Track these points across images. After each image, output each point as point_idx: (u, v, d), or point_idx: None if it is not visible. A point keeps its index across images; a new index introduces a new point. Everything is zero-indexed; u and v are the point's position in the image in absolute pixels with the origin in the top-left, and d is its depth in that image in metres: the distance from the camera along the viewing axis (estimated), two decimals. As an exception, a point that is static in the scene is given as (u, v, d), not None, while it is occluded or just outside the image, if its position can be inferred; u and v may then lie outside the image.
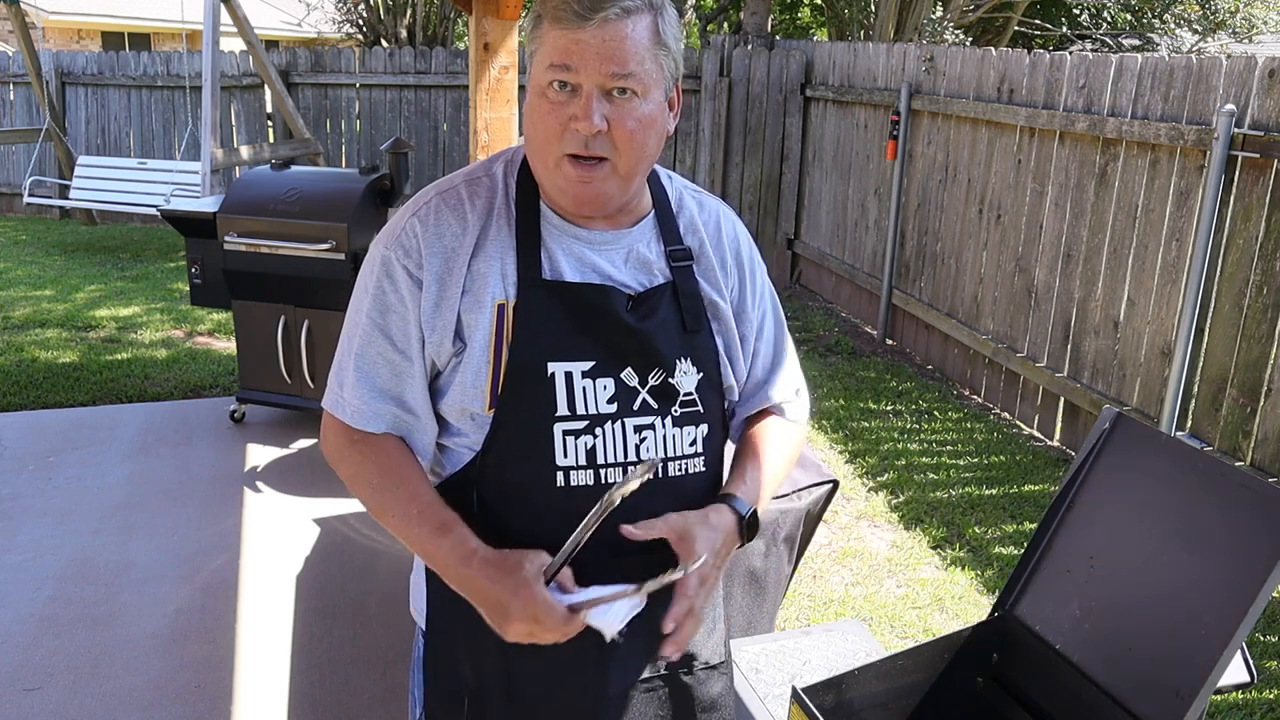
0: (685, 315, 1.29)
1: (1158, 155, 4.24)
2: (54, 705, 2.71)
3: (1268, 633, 3.28)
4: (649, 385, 1.26)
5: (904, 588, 3.52)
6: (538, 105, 1.19)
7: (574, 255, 1.26)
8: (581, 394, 1.23)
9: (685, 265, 1.31)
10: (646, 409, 1.26)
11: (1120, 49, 10.37)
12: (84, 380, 5.29)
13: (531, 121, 1.20)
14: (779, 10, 15.35)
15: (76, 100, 10.17)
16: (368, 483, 1.28)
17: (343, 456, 1.30)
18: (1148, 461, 1.37)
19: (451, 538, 1.22)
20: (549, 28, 1.16)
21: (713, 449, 1.34)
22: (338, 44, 13.73)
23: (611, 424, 1.24)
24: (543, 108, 1.18)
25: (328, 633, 3.10)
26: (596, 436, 1.23)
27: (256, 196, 4.37)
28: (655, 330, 1.27)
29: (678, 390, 1.28)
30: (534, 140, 1.21)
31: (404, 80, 9.02)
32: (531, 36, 1.20)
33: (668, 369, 1.27)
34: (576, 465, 1.23)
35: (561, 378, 1.22)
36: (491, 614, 1.19)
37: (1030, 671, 1.42)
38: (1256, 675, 1.32)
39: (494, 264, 1.24)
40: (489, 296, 1.22)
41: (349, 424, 1.27)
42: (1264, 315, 3.75)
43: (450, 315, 1.23)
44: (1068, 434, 4.83)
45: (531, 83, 1.20)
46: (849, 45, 7.30)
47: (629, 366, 1.25)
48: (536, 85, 1.18)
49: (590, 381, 1.23)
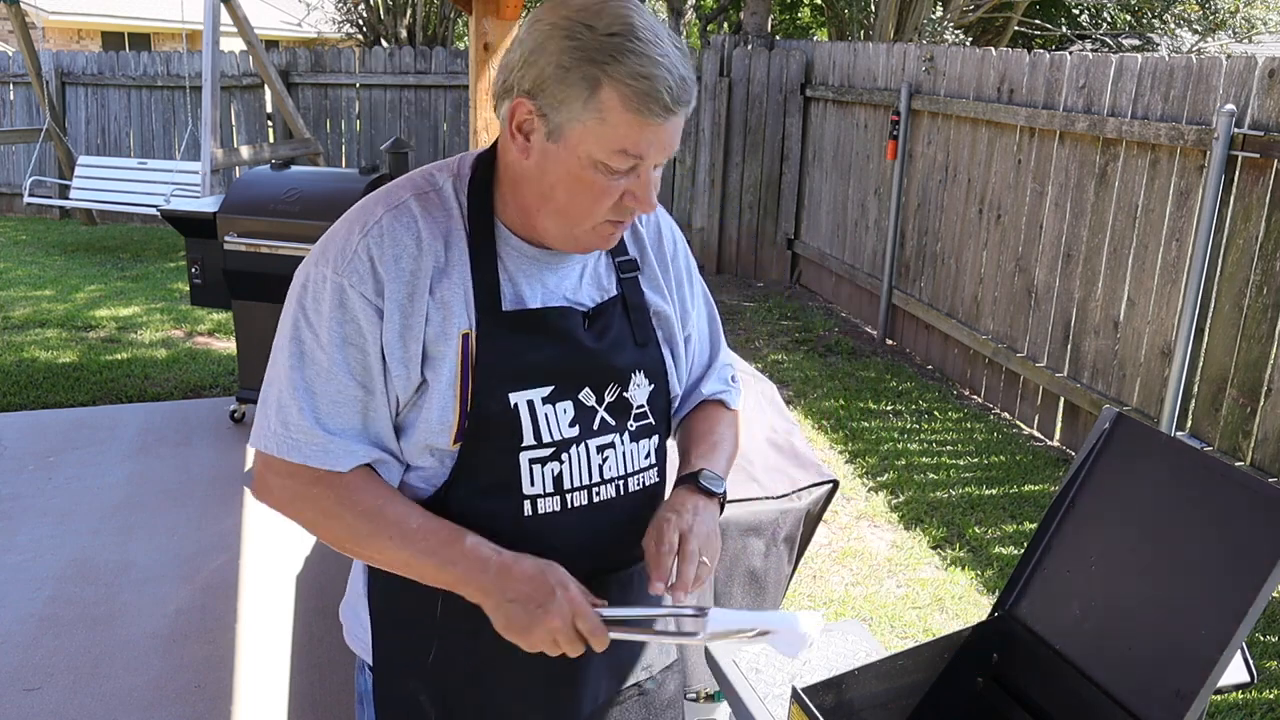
0: (635, 329, 1.28)
1: (1158, 155, 4.24)
2: (54, 705, 2.71)
3: (1268, 633, 3.28)
4: (605, 403, 1.24)
5: (904, 588, 3.52)
6: (588, 179, 1.10)
7: (534, 277, 1.21)
8: (545, 421, 1.19)
9: (631, 276, 1.29)
10: (605, 427, 1.24)
11: (1120, 49, 10.37)
12: (84, 380, 5.29)
13: (573, 192, 1.12)
14: (779, 10, 15.35)
15: (76, 100, 10.18)
16: (345, 517, 1.17)
17: (303, 498, 1.18)
18: (1148, 461, 1.37)
19: (467, 542, 1.15)
20: (622, 113, 1.06)
21: (662, 458, 1.34)
22: (338, 44, 13.73)
23: (575, 447, 1.22)
24: (597, 184, 1.11)
25: (328, 633, 3.10)
26: (562, 462, 1.21)
27: (256, 196, 4.37)
28: (610, 347, 1.24)
29: (632, 404, 1.27)
30: (572, 210, 1.13)
31: (404, 80, 9.03)
32: (584, 107, 1.07)
33: (623, 384, 1.26)
34: (543, 493, 1.21)
35: (525, 407, 1.18)
36: (521, 614, 1.12)
37: (1030, 671, 1.42)
38: (1256, 675, 1.33)
39: (458, 291, 1.16)
40: (455, 326, 1.15)
41: (310, 464, 1.15)
42: (1264, 315, 3.75)
43: (415, 346, 1.15)
44: (1068, 434, 4.83)
45: (579, 153, 1.09)
46: (849, 45, 7.30)
47: (586, 386, 1.22)
48: (587, 159, 1.09)
49: (550, 407, 1.20)
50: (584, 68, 1.05)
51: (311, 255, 1.20)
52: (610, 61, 1.05)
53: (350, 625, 1.35)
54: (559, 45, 1.06)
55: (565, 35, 1.06)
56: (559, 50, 1.06)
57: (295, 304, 1.18)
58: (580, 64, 1.05)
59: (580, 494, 1.23)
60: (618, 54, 1.05)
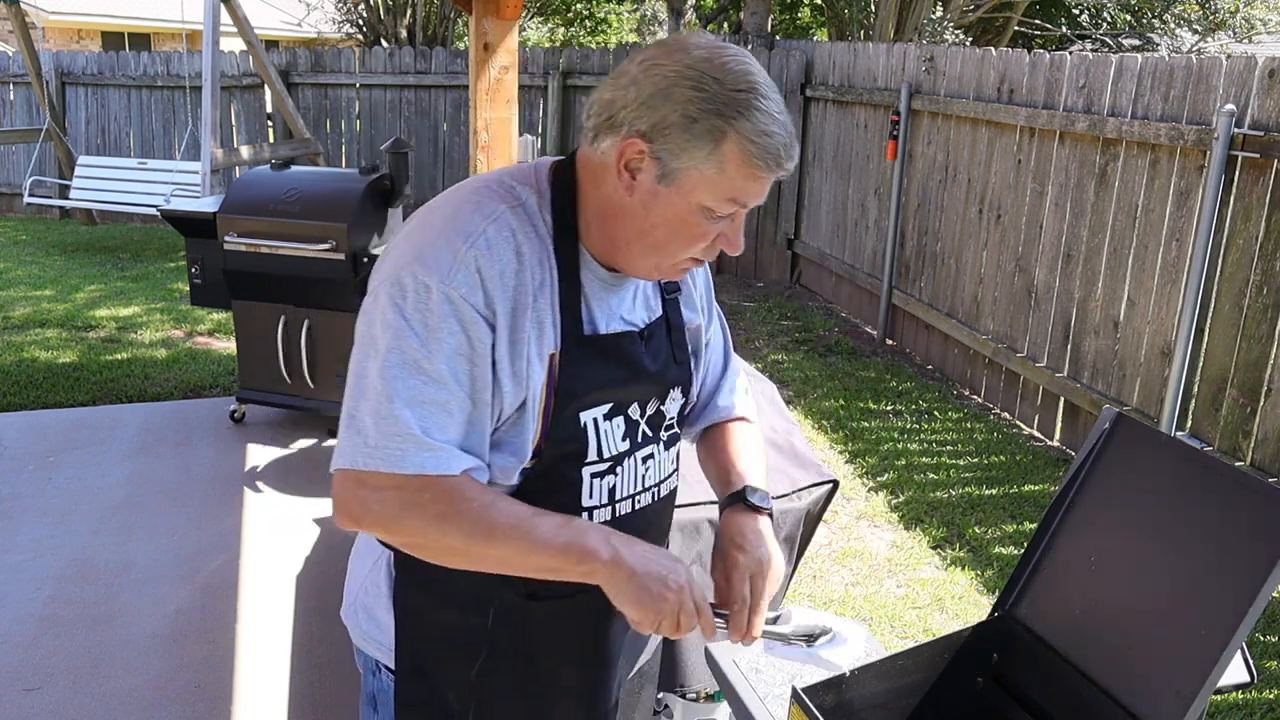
0: (675, 348, 1.33)
1: (1158, 155, 4.24)
2: (54, 705, 2.71)
3: (1268, 633, 3.28)
4: (646, 416, 1.30)
5: (904, 588, 3.52)
6: (692, 222, 1.15)
7: (603, 300, 1.24)
8: (605, 436, 1.24)
9: (673, 297, 1.35)
10: (646, 439, 1.30)
11: (1120, 49, 10.37)
12: (84, 380, 5.29)
13: (674, 232, 1.16)
14: (779, 10, 15.35)
15: (76, 100, 10.18)
16: (459, 519, 1.13)
17: (413, 507, 1.12)
18: (1148, 461, 1.37)
19: (583, 521, 1.19)
20: (740, 166, 1.11)
21: (679, 463, 1.42)
22: (338, 44, 13.73)
23: (627, 460, 1.28)
24: (699, 227, 1.15)
25: (328, 633, 3.10)
26: (616, 475, 1.27)
27: (256, 196, 4.37)
28: (660, 367, 1.30)
29: (666, 416, 1.33)
30: (668, 247, 1.17)
31: (404, 80, 9.02)
32: (705, 157, 1.10)
33: (662, 399, 1.32)
34: (599, 504, 1.26)
35: (591, 425, 1.23)
36: (654, 586, 1.15)
37: (1030, 671, 1.42)
38: (1256, 675, 1.33)
39: (548, 311, 1.18)
40: (546, 346, 1.18)
41: (423, 472, 1.11)
42: (1264, 315, 3.75)
43: (522, 363, 1.16)
44: (1068, 434, 4.83)
45: (690, 198, 1.13)
46: (849, 45, 7.30)
47: (635, 402, 1.28)
48: (696, 204, 1.13)
49: (609, 423, 1.25)
50: (710, 120, 1.09)
51: (399, 262, 1.15)
52: (737, 117, 1.09)
53: (364, 628, 1.34)
54: (686, 95, 1.09)
55: (693, 85, 1.09)
56: (686, 100, 1.09)
57: (393, 314, 1.12)
58: (707, 116, 1.09)
59: (626, 503, 1.29)
60: (744, 110, 1.09)
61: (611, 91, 1.14)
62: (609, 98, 1.14)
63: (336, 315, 4.37)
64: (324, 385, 4.51)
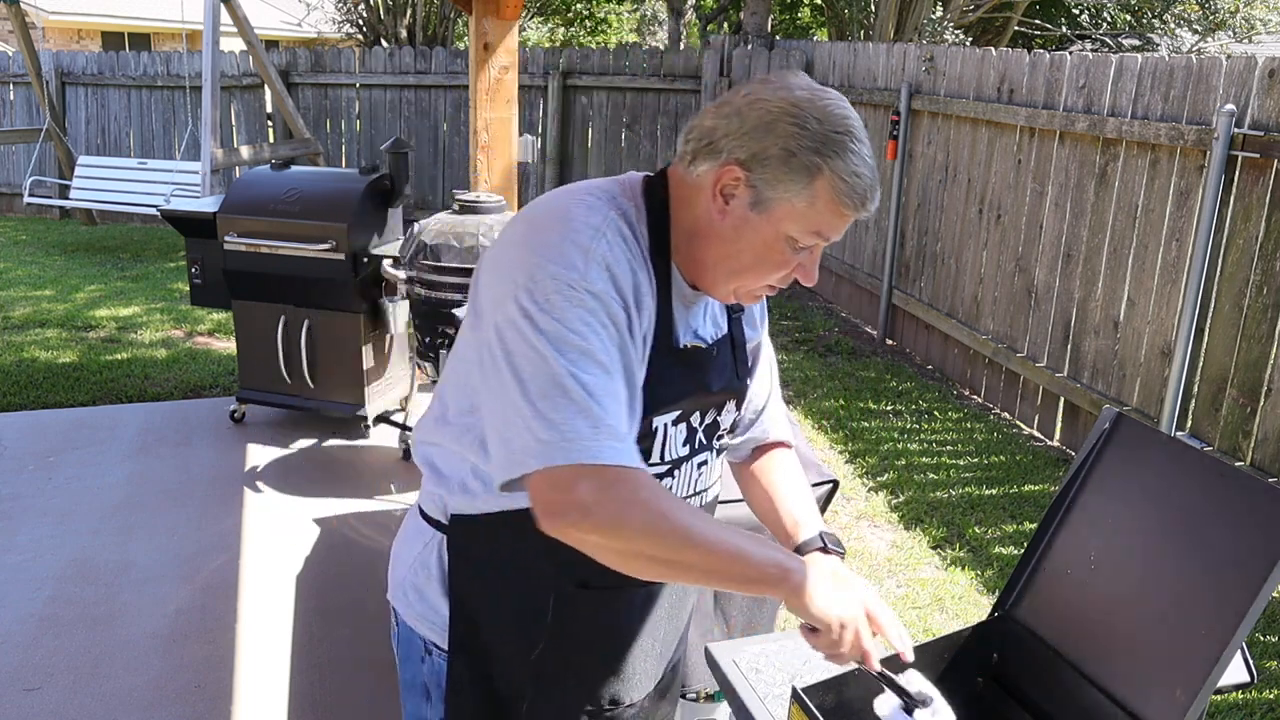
0: (738, 364, 1.40)
1: (1158, 155, 4.24)
2: (54, 705, 2.71)
3: (1268, 633, 3.28)
4: (704, 424, 1.36)
5: (904, 588, 3.52)
6: (777, 250, 1.21)
7: (683, 316, 1.30)
8: (670, 441, 1.30)
9: (737, 316, 1.41)
10: (701, 446, 1.37)
11: (1120, 49, 10.37)
12: (84, 380, 5.29)
13: (759, 258, 1.21)
14: (779, 10, 15.35)
15: (76, 100, 10.18)
16: (673, 513, 1.12)
17: (634, 504, 1.08)
18: (1148, 461, 1.37)
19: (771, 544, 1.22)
20: (830, 203, 1.17)
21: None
22: (338, 44, 13.73)
23: (685, 465, 1.34)
24: (782, 256, 1.21)
25: (328, 633, 3.10)
26: (674, 478, 1.33)
27: (256, 196, 4.37)
28: (725, 381, 1.37)
29: (720, 425, 1.40)
30: (751, 272, 1.23)
31: (404, 80, 9.02)
32: (799, 191, 1.16)
33: (719, 410, 1.39)
34: None
35: (661, 428, 1.28)
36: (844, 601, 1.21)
37: (1030, 671, 1.42)
38: (1256, 675, 1.33)
39: (648, 320, 1.22)
40: (645, 351, 1.23)
41: (624, 464, 1.09)
42: (1264, 315, 3.75)
43: (643, 363, 1.21)
44: (1068, 434, 4.83)
45: (779, 228, 1.19)
46: (849, 45, 7.30)
47: (698, 410, 1.34)
48: (783, 234, 1.19)
49: (674, 428, 1.31)
50: (808, 156, 1.15)
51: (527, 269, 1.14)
52: (833, 156, 1.16)
53: (417, 609, 1.38)
54: (788, 130, 1.16)
55: (795, 122, 1.16)
56: (787, 135, 1.15)
57: (544, 317, 1.11)
58: (806, 152, 1.15)
59: None
60: (840, 151, 1.16)
61: (713, 120, 1.20)
62: (710, 125, 1.20)
63: (336, 315, 4.37)
64: (324, 385, 4.51)
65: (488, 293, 1.19)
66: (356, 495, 4.03)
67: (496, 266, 1.19)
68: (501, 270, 1.17)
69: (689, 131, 1.24)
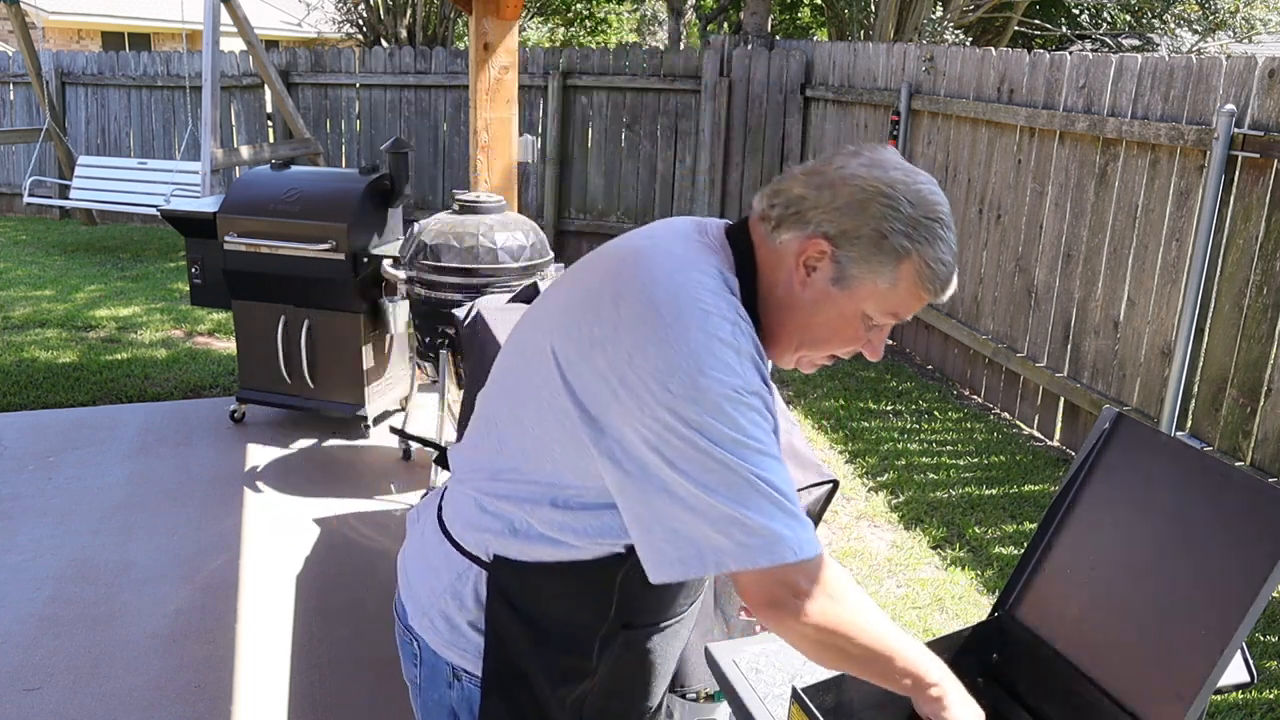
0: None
1: (1158, 155, 4.24)
2: (54, 705, 2.71)
3: (1268, 633, 3.28)
4: None
5: (904, 588, 3.52)
6: (851, 325, 1.22)
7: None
8: None
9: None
10: None
11: (1120, 49, 10.37)
12: (84, 380, 5.29)
13: (833, 331, 1.23)
14: (779, 10, 15.35)
15: (76, 100, 10.17)
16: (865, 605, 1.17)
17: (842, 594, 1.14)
18: (1148, 461, 1.37)
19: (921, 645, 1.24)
20: (912, 287, 1.18)
21: None
22: (338, 44, 13.74)
23: None
24: (855, 332, 1.23)
25: (328, 633, 3.10)
26: None
27: (256, 196, 4.37)
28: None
29: None
30: (820, 343, 1.25)
31: (404, 80, 9.02)
32: (884, 272, 1.17)
33: None
34: None
35: None
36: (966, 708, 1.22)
37: (1030, 671, 1.42)
38: (1256, 675, 1.33)
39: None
40: None
41: (821, 553, 1.13)
42: (1264, 315, 3.75)
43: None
44: (1068, 434, 4.83)
45: (859, 305, 1.20)
46: (849, 45, 7.30)
47: None
48: (861, 312, 1.20)
49: None
50: (899, 240, 1.16)
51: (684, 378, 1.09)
52: (924, 243, 1.17)
53: (446, 636, 1.34)
54: (881, 211, 1.16)
55: (889, 204, 1.16)
56: (880, 216, 1.16)
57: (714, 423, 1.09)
58: (897, 235, 1.16)
59: None
60: (931, 238, 1.17)
61: (803, 189, 1.19)
62: (800, 194, 1.19)
63: (336, 315, 4.37)
64: (324, 385, 4.51)
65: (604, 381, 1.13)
66: (356, 495, 4.03)
67: (619, 354, 1.12)
68: (634, 364, 1.11)
69: (773, 195, 1.22)
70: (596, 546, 1.25)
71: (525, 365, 1.23)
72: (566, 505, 1.23)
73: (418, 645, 1.38)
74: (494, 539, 1.28)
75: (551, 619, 1.30)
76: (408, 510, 3.92)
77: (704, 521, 1.09)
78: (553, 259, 3.90)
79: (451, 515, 1.35)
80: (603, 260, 1.24)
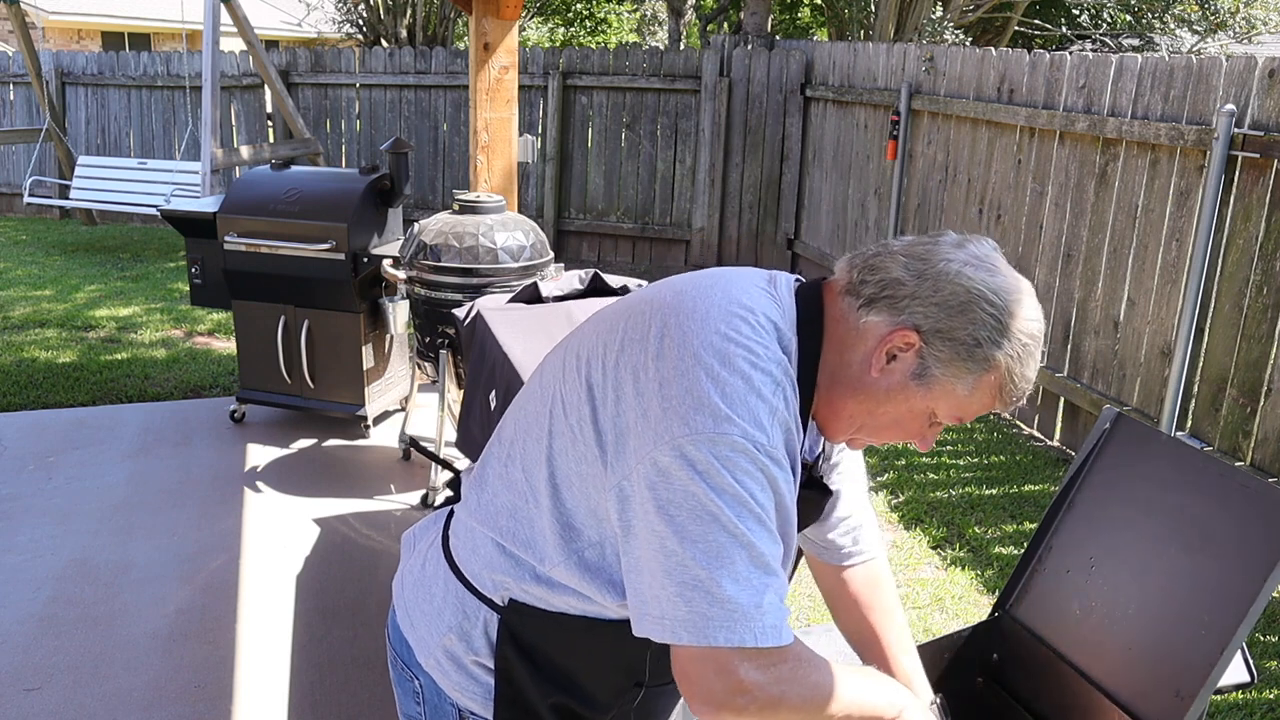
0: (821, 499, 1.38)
1: (1158, 155, 4.24)
2: (54, 705, 2.71)
3: (1268, 633, 3.28)
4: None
5: (904, 588, 3.52)
6: (917, 420, 1.18)
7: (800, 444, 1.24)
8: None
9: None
10: None
11: (1120, 49, 10.37)
12: (84, 380, 5.29)
13: (897, 421, 1.18)
14: (779, 10, 15.35)
15: (76, 100, 10.17)
16: (825, 681, 1.12)
17: (790, 681, 1.07)
18: (1148, 461, 1.37)
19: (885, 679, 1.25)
20: (989, 396, 1.15)
21: None
22: (338, 44, 13.74)
23: None
24: (918, 427, 1.19)
25: (328, 633, 3.10)
26: None
27: (256, 196, 4.37)
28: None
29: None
30: (879, 430, 1.20)
31: (404, 80, 9.02)
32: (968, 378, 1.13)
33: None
34: None
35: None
36: None
37: (1030, 671, 1.42)
38: (1256, 675, 1.33)
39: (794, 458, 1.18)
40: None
41: (787, 644, 1.07)
42: (1264, 315, 3.75)
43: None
44: (1068, 434, 4.83)
45: (933, 404, 1.16)
46: (849, 45, 7.30)
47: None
48: (928, 408, 1.16)
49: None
50: (992, 351, 1.12)
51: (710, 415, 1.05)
52: (1014, 359, 1.13)
53: (454, 679, 1.30)
54: (981, 319, 1.11)
55: (990, 312, 1.11)
56: (979, 323, 1.11)
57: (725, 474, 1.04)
58: (991, 346, 1.11)
59: None
60: (1023, 356, 1.13)
61: (903, 272, 1.13)
62: (898, 277, 1.13)
63: (336, 315, 4.37)
64: (324, 385, 4.51)
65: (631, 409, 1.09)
66: (356, 495, 4.03)
67: (650, 382, 1.09)
68: (663, 393, 1.07)
69: (867, 269, 1.15)
70: (623, 608, 1.18)
71: (554, 388, 1.20)
72: (583, 557, 1.18)
73: (420, 683, 1.33)
74: (514, 584, 1.23)
75: (567, 669, 1.26)
76: (408, 510, 3.92)
77: (674, 578, 1.03)
78: (552, 259, 3.90)
79: (466, 553, 1.28)
80: (660, 291, 1.20)
